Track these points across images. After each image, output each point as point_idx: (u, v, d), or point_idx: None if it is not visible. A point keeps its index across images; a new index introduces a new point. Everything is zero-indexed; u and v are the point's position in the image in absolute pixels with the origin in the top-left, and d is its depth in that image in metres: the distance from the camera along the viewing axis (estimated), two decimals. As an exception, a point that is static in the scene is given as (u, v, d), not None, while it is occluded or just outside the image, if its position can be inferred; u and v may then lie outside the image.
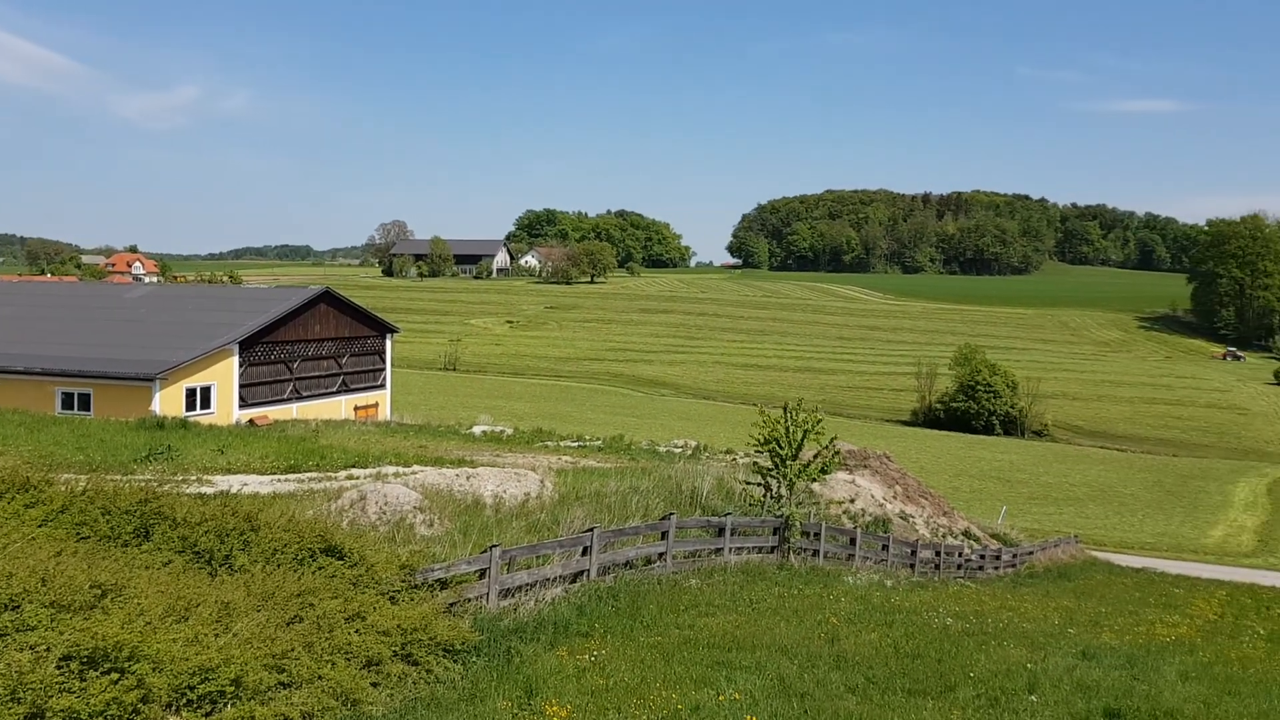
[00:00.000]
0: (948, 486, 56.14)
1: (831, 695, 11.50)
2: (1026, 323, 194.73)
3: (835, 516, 28.34)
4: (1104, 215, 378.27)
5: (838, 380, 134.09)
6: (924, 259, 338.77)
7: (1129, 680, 14.60)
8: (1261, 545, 54.83)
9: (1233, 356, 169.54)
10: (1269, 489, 71.45)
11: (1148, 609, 27.73)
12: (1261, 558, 51.70)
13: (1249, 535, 57.00)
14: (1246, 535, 56.93)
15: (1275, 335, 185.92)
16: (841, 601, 18.30)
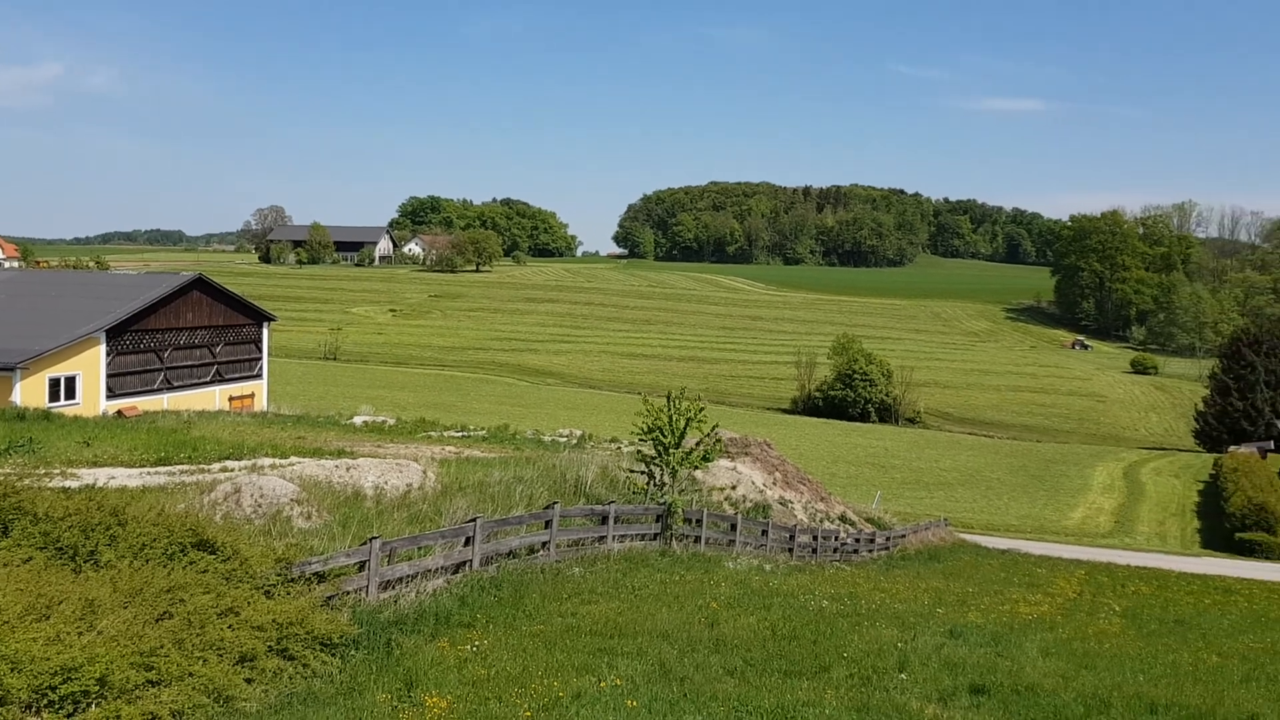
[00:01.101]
0: (825, 472, 57.52)
1: (710, 678, 11.73)
2: (901, 313, 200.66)
3: (717, 503, 28.74)
4: (974, 210, 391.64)
5: (721, 369, 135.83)
6: (804, 251, 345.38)
7: (993, 657, 15.27)
8: (1118, 526, 57.80)
9: (1080, 346, 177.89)
10: (1125, 473, 75.27)
11: (1012, 588, 28.98)
12: (1118, 538, 54.53)
13: (1106, 517, 59.98)
14: (1104, 517, 59.90)
15: (1132, 326, 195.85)
16: (722, 586, 18.63)
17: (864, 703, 11.37)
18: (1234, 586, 38.01)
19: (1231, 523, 54.14)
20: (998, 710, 11.88)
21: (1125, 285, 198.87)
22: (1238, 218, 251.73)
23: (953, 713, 11.47)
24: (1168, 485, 70.89)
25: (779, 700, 10.97)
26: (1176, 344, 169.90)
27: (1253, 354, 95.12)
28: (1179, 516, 61.49)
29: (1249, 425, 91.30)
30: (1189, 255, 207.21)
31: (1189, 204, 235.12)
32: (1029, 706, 12.19)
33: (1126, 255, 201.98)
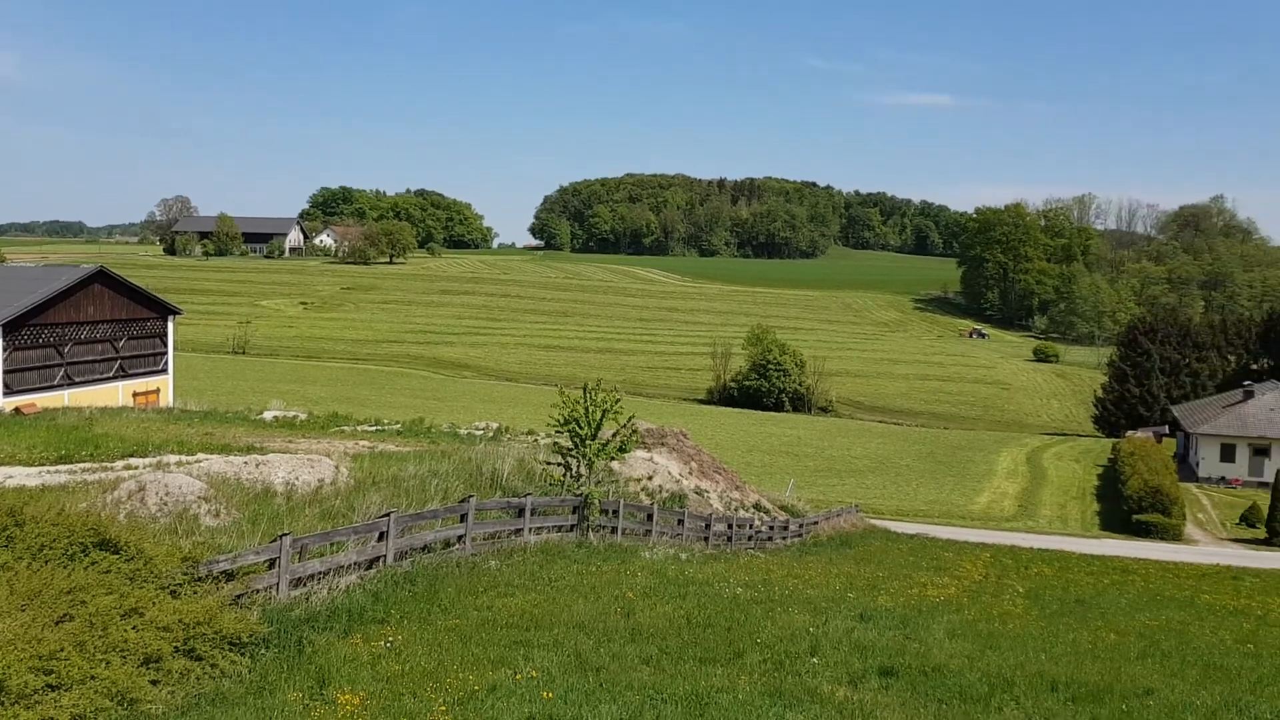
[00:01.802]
0: (741, 461, 58.15)
1: (626, 667, 11.83)
2: (814, 304, 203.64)
3: (634, 494, 28.87)
4: (884, 203, 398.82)
5: (637, 361, 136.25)
6: (720, 243, 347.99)
7: (902, 640, 15.66)
8: (1021, 510, 59.56)
9: (977, 334, 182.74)
10: (1028, 458, 77.59)
11: (920, 572, 29.73)
12: (1021, 521, 56.18)
13: (1010, 501, 61.77)
14: (1008, 501, 61.67)
15: (1035, 315, 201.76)
16: (638, 576, 18.76)
17: (777, 687, 11.59)
18: (1131, 566, 39.53)
19: (1129, 505, 56.11)
20: (906, 691, 12.21)
21: (1028, 276, 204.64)
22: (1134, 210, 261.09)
23: (863, 695, 11.75)
24: (1069, 470, 73.27)
25: (694, 687, 11.11)
26: (1077, 333, 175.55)
27: (1148, 342, 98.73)
28: (1079, 500, 63.62)
29: (1145, 411, 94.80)
30: (1088, 247, 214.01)
31: (1088, 197, 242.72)
32: (936, 687, 12.54)
33: (1029, 247, 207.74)
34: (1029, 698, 12.50)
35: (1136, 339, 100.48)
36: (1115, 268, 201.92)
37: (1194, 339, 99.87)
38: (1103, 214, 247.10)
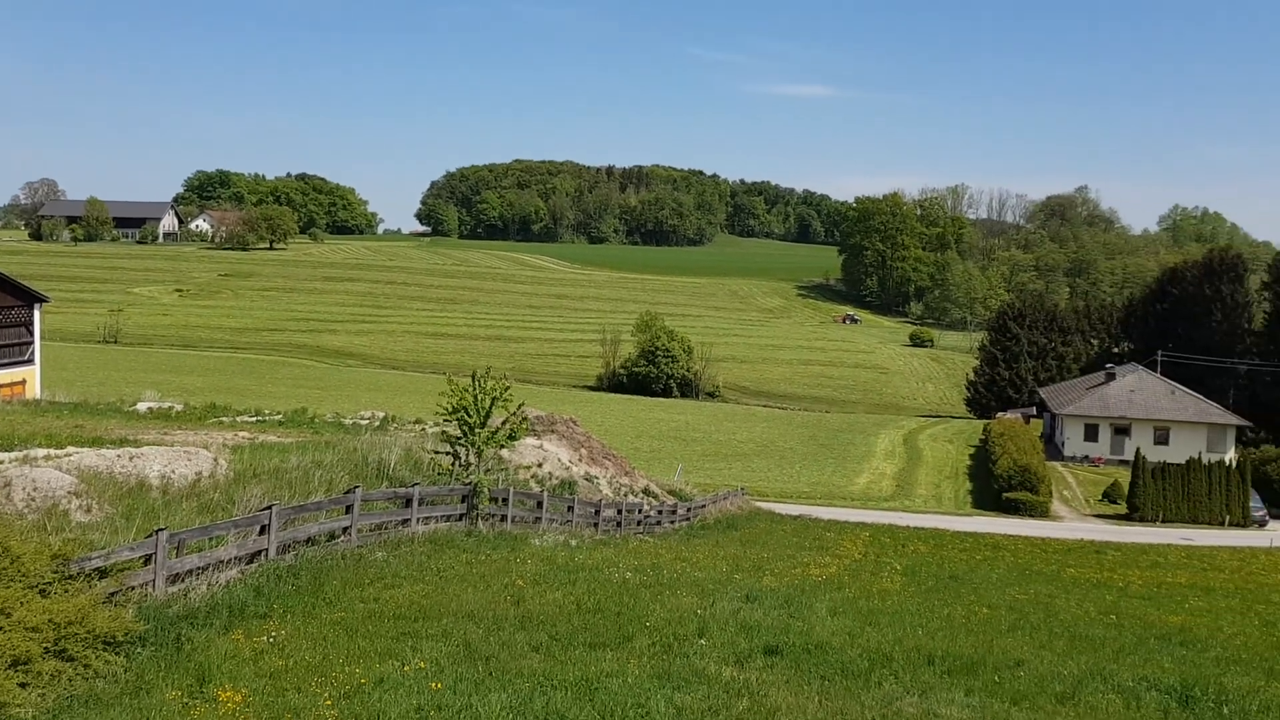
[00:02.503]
0: (630, 447, 58.51)
1: (516, 655, 11.88)
2: (701, 291, 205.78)
3: (524, 481, 28.87)
4: (768, 191, 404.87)
5: (527, 348, 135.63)
6: (609, 230, 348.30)
7: (786, 619, 16.07)
8: (899, 490, 61.47)
9: (850, 320, 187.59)
10: (905, 439, 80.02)
11: (804, 552, 30.48)
12: (899, 500, 58.01)
13: (889, 481, 63.68)
14: (887, 481, 63.56)
15: (911, 302, 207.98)
16: (528, 564, 18.79)
17: (665, 669, 11.79)
18: (1002, 543, 41.24)
19: (999, 484, 58.41)
20: (790, 669, 12.55)
21: (905, 263, 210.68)
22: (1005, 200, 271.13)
23: (749, 674, 12.04)
24: (943, 450, 75.84)
25: (584, 672, 11.23)
26: (950, 318, 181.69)
27: (1017, 327, 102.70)
28: (953, 479, 65.96)
29: (1014, 393, 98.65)
30: (961, 235, 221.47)
31: (961, 187, 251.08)
32: (818, 664, 12.93)
33: (906, 235, 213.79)
34: (907, 671, 12.98)
35: (1006, 324, 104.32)
36: (987, 255, 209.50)
37: (1060, 324, 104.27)
38: (975, 204, 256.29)
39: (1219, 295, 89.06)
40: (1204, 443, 69.07)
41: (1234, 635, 21.18)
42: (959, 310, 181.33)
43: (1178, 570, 36.55)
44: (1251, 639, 20.90)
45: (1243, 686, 14.32)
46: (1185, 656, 17.35)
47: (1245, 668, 16.74)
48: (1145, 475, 57.18)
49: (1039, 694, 12.60)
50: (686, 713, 10.05)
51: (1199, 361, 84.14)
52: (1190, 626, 21.87)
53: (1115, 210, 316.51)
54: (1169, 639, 19.40)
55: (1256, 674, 16.07)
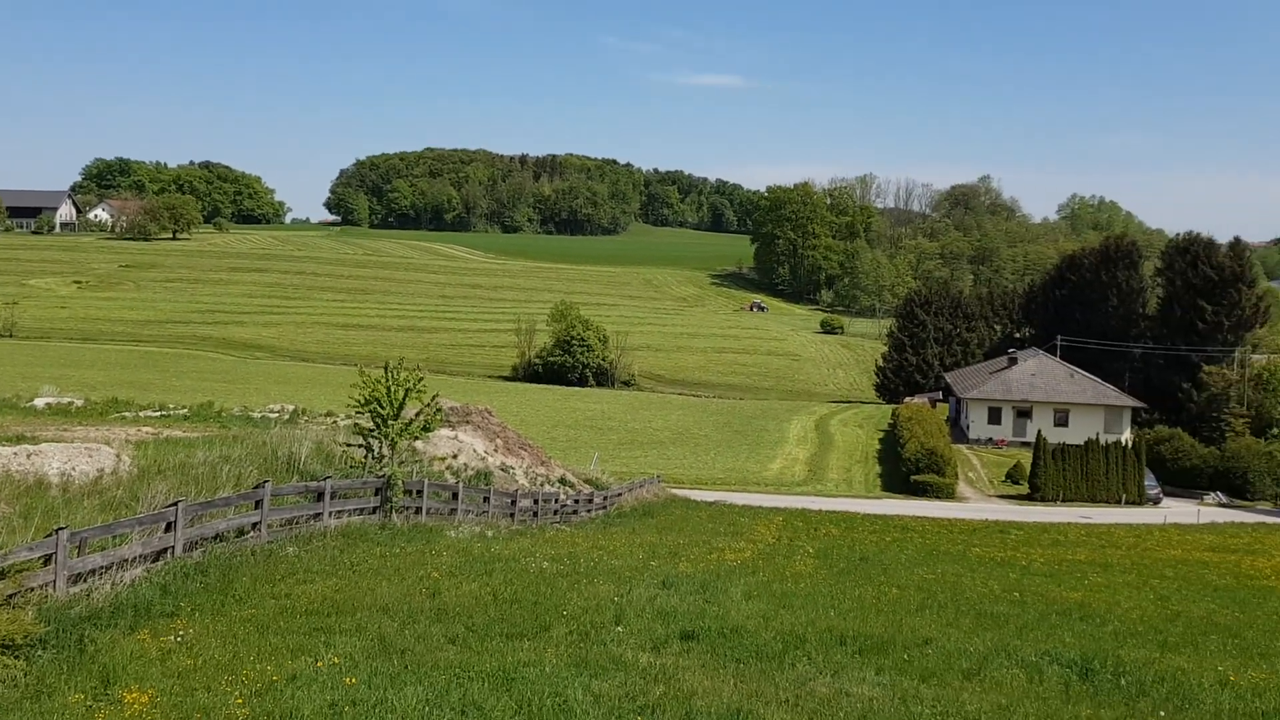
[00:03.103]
0: (546, 437, 58.41)
1: (432, 648, 11.81)
2: (616, 280, 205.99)
3: (439, 473, 28.65)
4: (682, 181, 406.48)
5: (441, 339, 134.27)
6: (523, 219, 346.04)
7: (702, 604, 16.25)
8: (811, 474, 62.46)
9: (756, 307, 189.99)
10: (817, 425, 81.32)
11: (719, 537, 30.78)
12: (811, 485, 58.96)
13: (801, 466, 64.66)
14: (799, 466, 64.53)
15: (822, 290, 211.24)
16: (444, 556, 18.67)
17: (583, 657, 11.85)
18: (910, 524, 42.21)
19: (907, 467, 59.78)
20: (706, 653, 12.71)
21: (815, 252, 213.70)
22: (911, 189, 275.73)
23: (665, 659, 12.15)
24: (853, 435, 77.29)
25: (501, 663, 11.22)
26: (860, 305, 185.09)
27: (924, 313, 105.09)
28: (863, 463, 67.27)
29: (921, 378, 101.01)
30: (870, 224, 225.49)
31: (870, 177, 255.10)
32: (734, 647, 13.11)
33: (816, 224, 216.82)
34: (820, 652, 13.23)
35: (913, 311, 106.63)
36: (894, 244, 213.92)
37: (964, 310, 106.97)
38: (883, 193, 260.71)
39: (1115, 281, 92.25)
40: (1101, 424, 71.58)
41: (1130, 609, 22.04)
42: (868, 298, 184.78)
43: (1077, 548, 37.86)
44: (1147, 613, 21.79)
45: (1139, 658, 14.94)
46: (1085, 631, 18.02)
47: (1141, 640, 17.46)
48: (1046, 456, 59.09)
49: (946, 671, 12.95)
50: (604, 700, 10.12)
51: (1096, 345, 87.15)
52: (1089, 602, 22.70)
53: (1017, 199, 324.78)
54: (1069, 614, 20.11)
55: (1151, 646, 16.78)
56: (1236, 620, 21.88)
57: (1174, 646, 17.12)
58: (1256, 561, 35.82)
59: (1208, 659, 15.94)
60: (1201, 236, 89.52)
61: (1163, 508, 57.09)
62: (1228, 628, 20.37)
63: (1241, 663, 15.82)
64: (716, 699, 10.39)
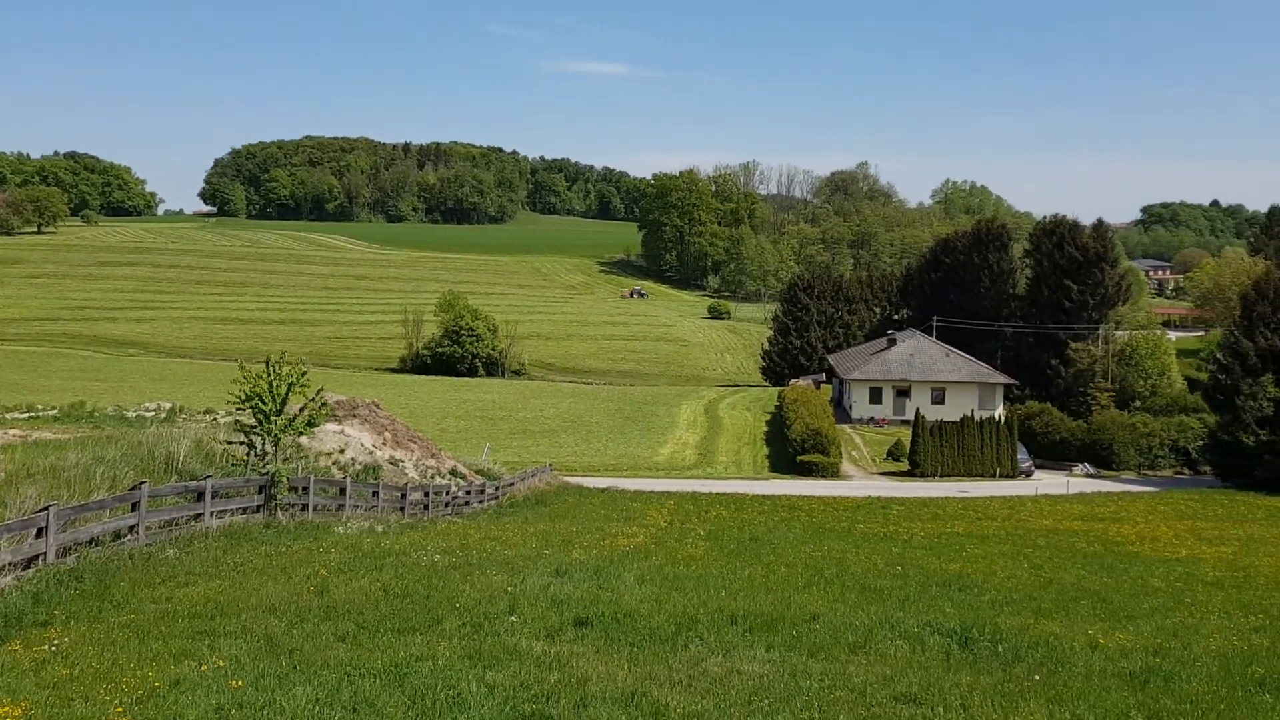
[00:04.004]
0: (436, 429, 57.79)
1: (321, 646, 11.63)
2: (504, 269, 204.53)
3: (325, 468, 28.18)
4: (569, 168, 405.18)
5: (325, 331, 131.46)
6: (407, 208, 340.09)
7: (595, 590, 16.36)
8: (701, 458, 63.24)
9: (637, 294, 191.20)
10: (706, 409, 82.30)
11: (611, 524, 30.98)
12: (701, 469, 59.71)
13: (691, 450, 65.39)
14: (689, 450, 65.26)
15: (708, 276, 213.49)
16: (332, 553, 18.38)
17: (477, 649, 11.82)
18: (797, 504, 43.15)
19: (794, 447, 61.02)
20: (600, 639, 12.81)
21: (701, 239, 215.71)
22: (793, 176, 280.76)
23: (560, 647, 12.21)
24: (741, 418, 78.46)
25: (393, 658, 11.12)
26: (746, 291, 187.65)
27: (807, 297, 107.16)
28: (751, 445, 68.36)
29: (806, 360, 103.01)
30: (754, 210, 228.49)
31: (753, 164, 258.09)
32: (627, 631, 13.24)
33: (702, 211, 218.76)
34: (712, 633, 13.46)
35: (797, 295, 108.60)
36: (778, 230, 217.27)
37: (846, 293, 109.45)
38: (766, 180, 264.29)
39: (986, 263, 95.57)
40: (976, 401, 74.18)
41: (1006, 579, 23.02)
42: (753, 283, 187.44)
43: (955, 521, 39.30)
44: (1021, 581, 22.78)
45: (1014, 625, 15.64)
46: (964, 601, 18.75)
47: (1016, 608, 18.27)
48: (925, 434, 61.05)
49: (833, 645, 13.33)
50: (498, 690, 10.13)
51: (970, 325, 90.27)
52: (968, 573, 23.62)
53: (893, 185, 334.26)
54: (949, 585, 20.89)
55: (1026, 613, 17.56)
56: (1104, 585, 23.05)
57: (1047, 613, 17.94)
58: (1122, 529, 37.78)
59: (1078, 623, 16.75)
60: (1067, 219, 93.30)
61: (1034, 480, 59.57)
62: (1096, 593, 21.44)
63: (1109, 626, 16.69)
64: (611, 684, 10.51)
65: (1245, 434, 56.85)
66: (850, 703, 10.29)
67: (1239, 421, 57.44)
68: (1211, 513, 45.91)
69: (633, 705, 9.76)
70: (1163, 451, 66.25)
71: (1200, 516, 44.25)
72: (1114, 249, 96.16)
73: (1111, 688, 11.69)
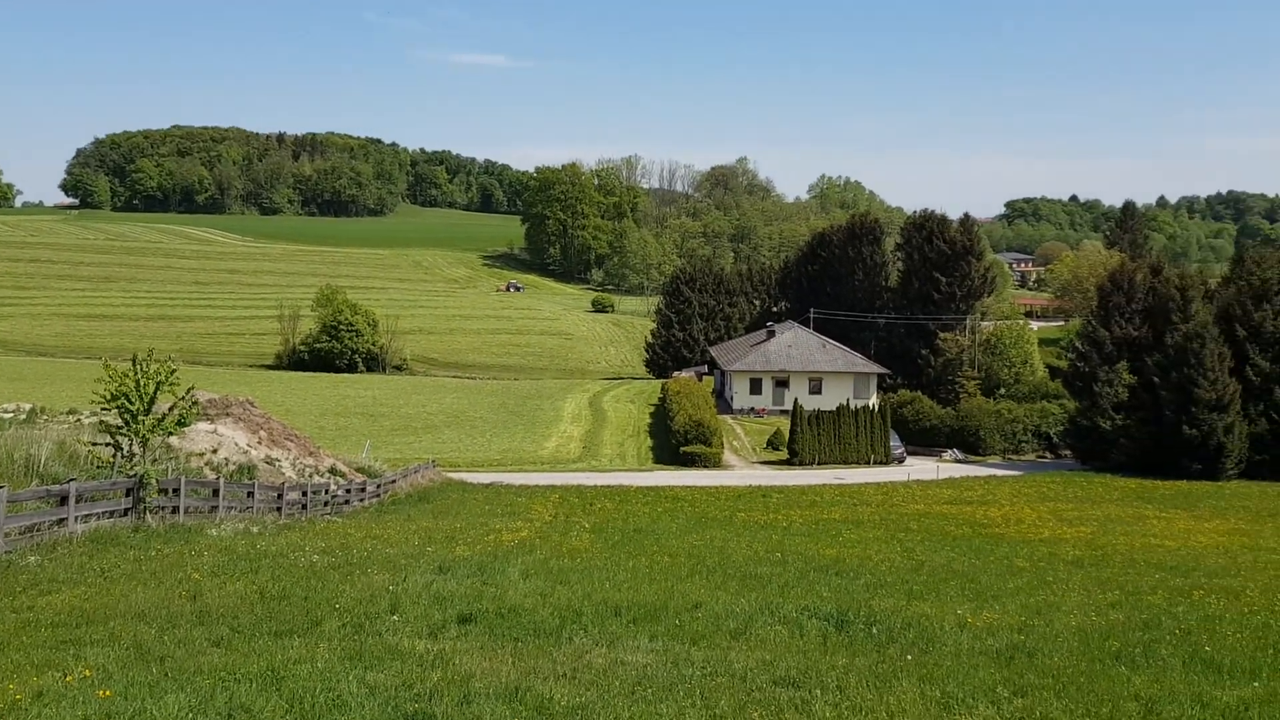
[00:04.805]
0: (314, 426, 56.53)
1: (194, 652, 11.31)
2: (384, 263, 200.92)
3: (197, 469, 27.43)
4: (450, 161, 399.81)
5: (196, 327, 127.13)
6: (282, 200, 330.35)
7: (479, 586, 16.30)
8: (586, 451, 63.37)
9: (513, 287, 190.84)
10: (590, 402, 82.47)
11: (496, 519, 30.86)
12: (586, 462, 59.84)
13: (576, 444, 65.47)
14: (574, 444, 65.33)
15: (592, 269, 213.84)
16: (205, 556, 17.87)
17: (357, 650, 11.66)
18: (681, 494, 43.71)
19: (677, 439, 61.66)
20: (484, 635, 12.77)
21: (585, 232, 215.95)
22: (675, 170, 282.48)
23: (443, 644, 12.13)
24: (626, 410, 78.88)
25: (270, 662, 10.88)
26: (629, 284, 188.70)
27: (689, 290, 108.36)
28: (635, 437, 68.83)
29: (688, 353, 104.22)
30: (637, 204, 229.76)
31: (635, 158, 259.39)
32: (511, 626, 13.24)
33: (585, 204, 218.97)
34: (596, 625, 13.56)
35: (679, 288, 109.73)
36: (660, 223, 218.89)
37: (726, 286, 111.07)
38: (648, 174, 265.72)
39: (861, 257, 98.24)
40: (851, 390, 76.22)
41: (880, 562, 23.79)
42: (636, 276, 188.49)
43: (832, 507, 40.38)
44: (895, 564, 23.58)
45: (888, 607, 16.18)
46: (840, 585, 19.31)
47: (890, 590, 18.91)
48: (803, 423, 62.49)
49: (715, 632, 13.57)
50: (379, 690, 10.02)
51: (845, 317, 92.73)
52: (844, 558, 24.34)
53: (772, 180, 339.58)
54: (826, 570, 21.48)
55: (899, 595, 18.19)
56: (972, 566, 24.04)
57: (919, 594, 18.61)
58: (989, 512, 39.42)
59: (948, 604, 17.41)
60: (936, 214, 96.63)
61: (907, 466, 61.57)
62: (965, 574, 22.34)
63: (977, 605, 17.40)
64: (495, 679, 10.50)
65: (1102, 419, 59.83)
66: (731, 688, 10.50)
67: (1096, 407, 60.41)
68: (1071, 494, 48.27)
69: (516, 700, 9.78)
70: (1026, 436, 69.29)
71: (1061, 498, 46.48)
72: (980, 243, 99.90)
73: (979, 665, 12.18)
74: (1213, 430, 55.68)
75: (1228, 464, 55.90)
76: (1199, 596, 19.17)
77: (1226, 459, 55.81)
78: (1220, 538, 33.60)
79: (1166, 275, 64.61)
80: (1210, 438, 55.73)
